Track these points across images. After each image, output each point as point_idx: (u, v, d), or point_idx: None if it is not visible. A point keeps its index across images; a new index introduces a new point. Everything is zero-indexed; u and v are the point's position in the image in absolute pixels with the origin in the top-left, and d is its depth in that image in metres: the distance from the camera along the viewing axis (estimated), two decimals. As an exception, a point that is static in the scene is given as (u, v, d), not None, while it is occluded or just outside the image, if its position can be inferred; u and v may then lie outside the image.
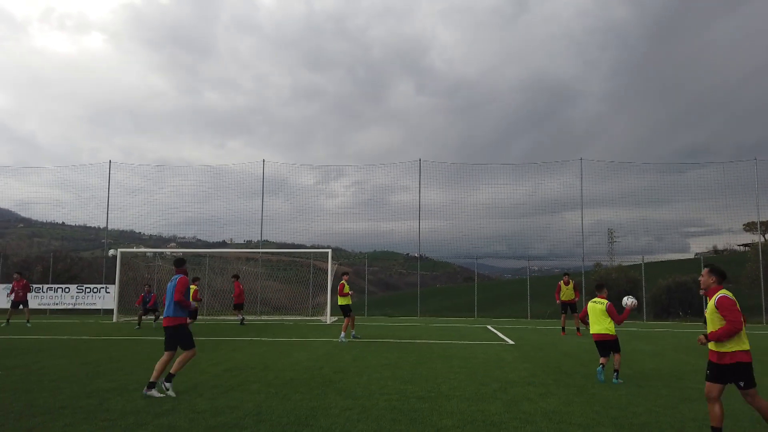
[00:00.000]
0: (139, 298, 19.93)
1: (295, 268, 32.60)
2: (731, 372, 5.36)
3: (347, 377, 8.90)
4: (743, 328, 5.35)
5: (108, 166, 29.37)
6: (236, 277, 21.30)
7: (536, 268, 36.15)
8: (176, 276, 8.06)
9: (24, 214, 35.66)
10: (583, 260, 27.35)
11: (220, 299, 27.26)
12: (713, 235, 31.55)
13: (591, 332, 9.17)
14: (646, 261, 26.97)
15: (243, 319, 20.49)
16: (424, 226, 28.25)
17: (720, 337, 5.32)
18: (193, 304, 8.56)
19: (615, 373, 8.75)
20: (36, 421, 6.08)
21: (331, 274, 23.17)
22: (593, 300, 9.35)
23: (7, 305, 25.86)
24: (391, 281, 56.27)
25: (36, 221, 42.59)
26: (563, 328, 17.19)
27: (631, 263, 29.64)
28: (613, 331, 8.98)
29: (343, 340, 14.36)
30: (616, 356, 8.90)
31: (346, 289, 15.10)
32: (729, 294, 5.49)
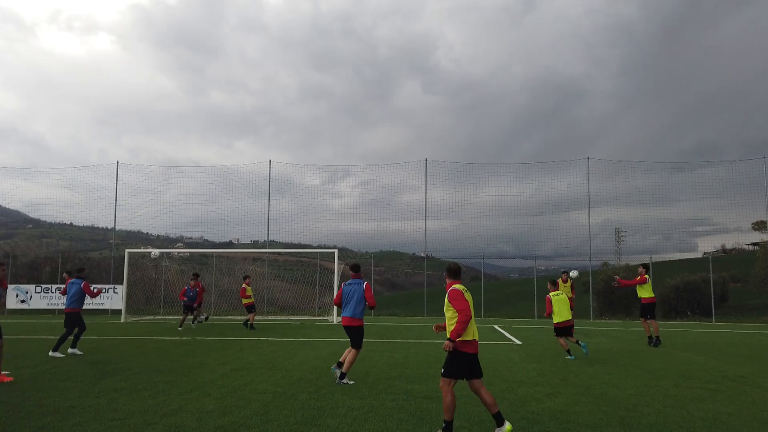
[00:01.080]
0: (182, 290, 18.79)
1: (302, 268, 32.70)
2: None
3: (354, 377, 8.90)
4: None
5: (116, 167, 29.53)
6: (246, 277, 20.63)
7: (543, 268, 36.01)
8: (360, 280, 8.75)
9: (33, 215, 35.87)
10: (590, 260, 27.25)
11: (228, 299, 27.35)
12: (721, 234, 31.34)
13: (559, 320, 11.32)
14: (654, 260, 26.82)
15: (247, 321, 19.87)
16: (430, 226, 28.24)
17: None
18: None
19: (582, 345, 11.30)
20: (46, 421, 6.12)
21: (338, 274, 23.19)
22: (555, 293, 11.48)
23: (20, 306, 26.14)
24: (398, 281, 56.30)
25: (45, 222, 42.89)
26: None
27: (639, 263, 29.47)
28: None
29: None
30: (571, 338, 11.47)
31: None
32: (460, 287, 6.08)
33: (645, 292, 14.18)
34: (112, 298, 26.11)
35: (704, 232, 30.33)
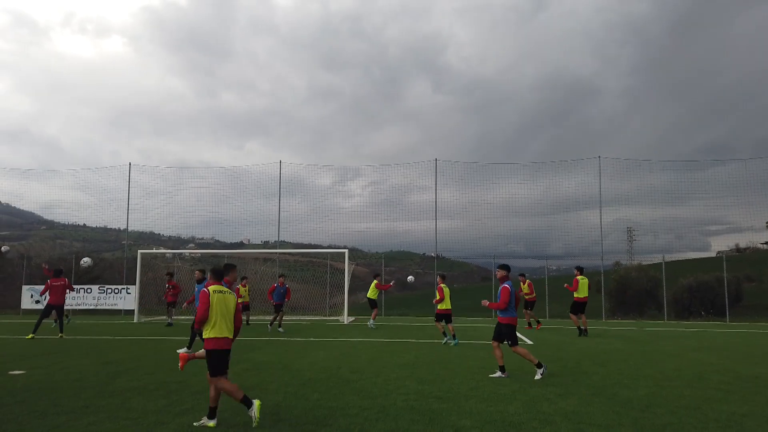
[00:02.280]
0: (270, 289, 17.94)
1: (312, 268, 32.76)
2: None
3: (365, 377, 8.92)
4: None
5: (128, 169, 29.78)
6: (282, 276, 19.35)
7: (554, 268, 35.81)
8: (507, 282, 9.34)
9: (47, 216, 36.36)
10: (602, 259, 27.08)
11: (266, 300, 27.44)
12: (735, 233, 31.01)
13: (443, 308, 14.31)
14: (666, 260, 26.59)
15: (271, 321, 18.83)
16: (440, 226, 28.20)
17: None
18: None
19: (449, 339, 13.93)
20: (60, 420, 6.19)
21: (348, 274, 23.22)
22: (444, 285, 14.56)
23: (35, 306, 26.41)
24: (408, 281, 56.16)
25: (58, 223, 43.34)
26: (530, 324, 19.00)
27: (652, 262, 29.24)
28: None
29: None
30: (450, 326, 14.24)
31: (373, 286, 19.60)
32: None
33: (581, 293, 16.47)
34: (125, 298, 26.33)
35: (717, 231, 30.05)
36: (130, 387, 8.08)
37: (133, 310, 23.84)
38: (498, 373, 9.10)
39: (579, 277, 16.55)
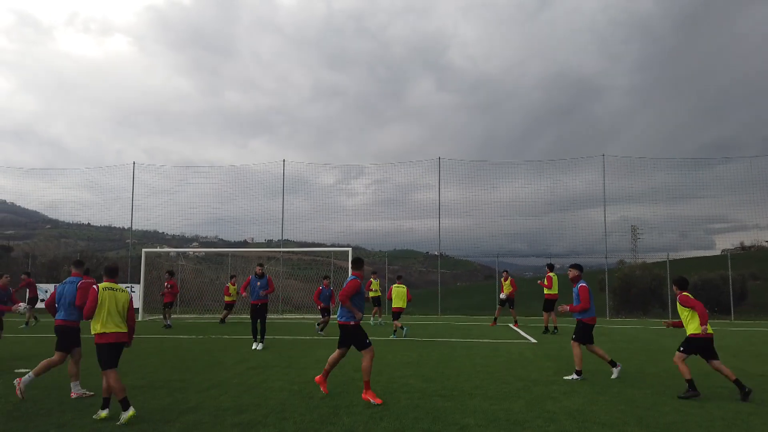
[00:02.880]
0: (316, 292, 16.66)
1: (316, 266, 32.78)
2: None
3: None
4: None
5: (132, 168, 29.85)
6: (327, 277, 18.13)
7: (558, 266, 35.69)
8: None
9: (51, 215, 36.46)
10: (606, 258, 27.00)
11: (243, 298, 27.49)
12: (740, 231, 30.78)
13: (396, 306, 15.32)
14: (671, 258, 26.50)
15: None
16: (444, 224, 28.17)
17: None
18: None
19: (404, 329, 14.76)
20: (66, 418, 6.22)
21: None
22: (396, 285, 15.75)
23: (40, 305, 26.48)
24: (411, 279, 56.19)
25: (63, 222, 43.46)
26: (496, 319, 19.64)
27: (656, 260, 29.15)
28: None
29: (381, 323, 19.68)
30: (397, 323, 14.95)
31: (374, 285, 20.58)
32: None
33: (553, 290, 16.68)
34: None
35: (722, 229, 29.92)
36: (135, 385, 8.11)
37: (138, 309, 23.90)
38: (574, 376, 8.69)
39: (551, 274, 16.76)
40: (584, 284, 8.97)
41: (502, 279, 19.15)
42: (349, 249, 23.89)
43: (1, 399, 7.26)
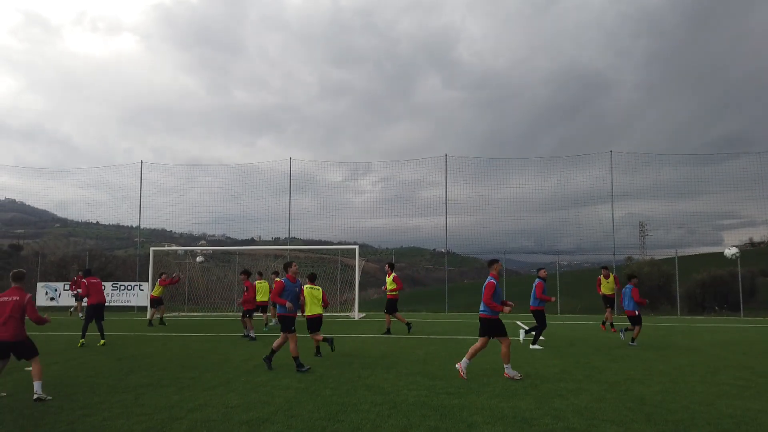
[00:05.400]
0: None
1: (323, 264, 32.80)
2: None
3: (376, 373, 8.93)
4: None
5: (140, 167, 30.00)
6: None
7: (565, 263, 35.64)
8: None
9: (60, 214, 36.67)
10: (614, 254, 26.89)
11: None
12: (749, 227, 30.51)
13: (309, 313, 11.03)
14: (679, 255, 26.35)
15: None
16: (450, 222, 28.13)
17: None
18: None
19: (330, 343, 10.70)
20: (76, 415, 6.27)
21: (359, 271, 23.25)
22: (309, 286, 11.19)
23: (50, 303, 26.74)
24: (418, 277, 56.20)
25: (72, 221, 43.79)
26: (604, 322, 16.76)
27: (664, 257, 28.99)
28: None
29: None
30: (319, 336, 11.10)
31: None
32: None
33: (392, 288, 15.30)
34: (138, 295, 26.55)
35: (730, 225, 29.67)
36: (144, 383, 8.16)
37: (146, 307, 24.02)
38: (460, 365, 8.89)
39: (393, 275, 15.51)
40: (491, 280, 8.82)
41: (603, 277, 16.94)
42: (356, 247, 23.90)
43: (11, 397, 7.33)
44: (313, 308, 11.06)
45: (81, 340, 12.94)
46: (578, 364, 9.91)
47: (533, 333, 12.66)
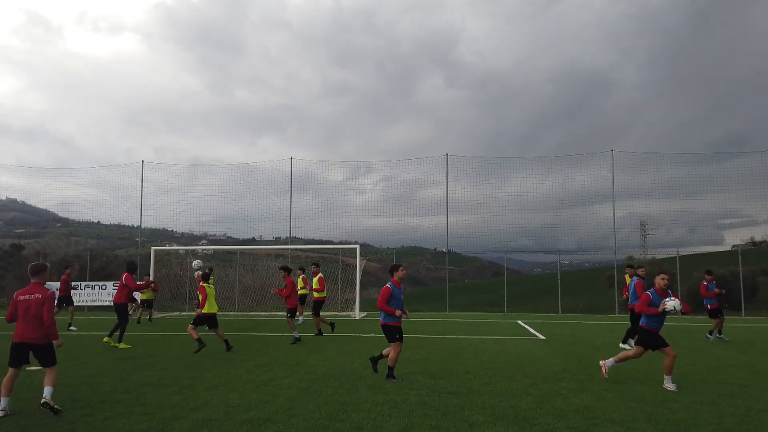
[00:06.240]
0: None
1: (324, 264, 32.80)
2: None
3: (377, 372, 8.93)
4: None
5: (141, 166, 30.01)
6: None
7: (567, 262, 35.61)
8: None
9: (62, 214, 36.73)
10: (615, 254, 26.87)
11: (251, 295, 27.62)
12: (749, 226, 30.50)
13: (210, 311, 11.86)
14: (680, 254, 26.33)
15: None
16: (452, 221, 28.12)
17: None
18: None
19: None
20: (77, 415, 6.28)
21: (360, 270, 23.26)
22: (208, 285, 12.08)
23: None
24: (419, 277, 56.21)
25: (73, 221, 43.85)
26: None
27: (665, 256, 28.98)
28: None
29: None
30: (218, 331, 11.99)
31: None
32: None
33: (318, 289, 15.54)
34: (139, 295, 26.53)
35: (731, 224, 29.67)
36: (145, 382, 8.17)
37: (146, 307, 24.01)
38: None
39: (320, 275, 15.92)
40: (389, 286, 8.55)
41: (628, 276, 14.57)
42: (357, 246, 23.89)
43: (12, 397, 7.33)
44: (212, 307, 11.97)
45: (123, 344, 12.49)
46: (579, 364, 9.91)
47: (631, 336, 12.43)
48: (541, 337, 14.56)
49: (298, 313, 17.35)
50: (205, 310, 11.84)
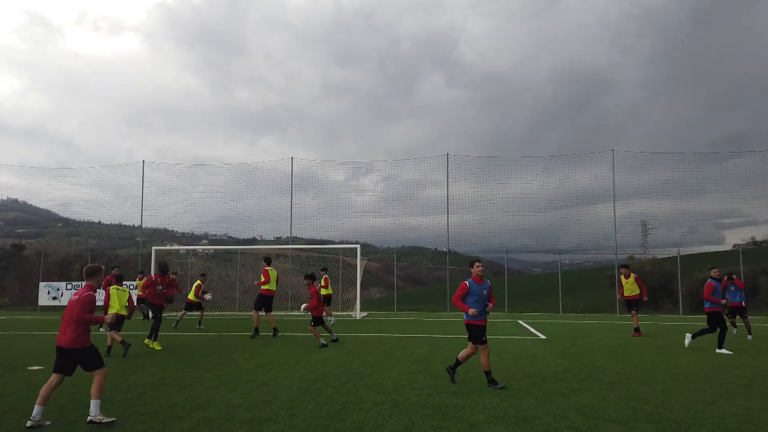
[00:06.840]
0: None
1: (324, 264, 32.84)
2: None
3: (378, 372, 8.93)
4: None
5: (142, 166, 30.03)
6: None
7: (567, 262, 35.60)
8: None
9: (63, 214, 36.82)
10: (615, 253, 26.87)
11: (251, 295, 27.63)
12: (750, 226, 30.49)
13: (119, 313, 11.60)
14: (681, 254, 26.32)
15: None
16: (452, 221, 28.14)
17: None
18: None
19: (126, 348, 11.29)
20: (78, 414, 6.28)
21: (361, 270, 23.26)
22: (117, 287, 11.89)
23: (52, 302, 26.80)
24: (420, 276, 56.18)
25: (74, 221, 43.88)
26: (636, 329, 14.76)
27: (666, 256, 28.96)
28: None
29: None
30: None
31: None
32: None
33: (271, 285, 15.21)
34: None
35: (732, 224, 29.66)
36: (146, 382, 8.17)
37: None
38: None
39: (268, 268, 15.50)
40: (465, 281, 8.32)
41: (623, 277, 15.27)
42: (358, 246, 23.91)
43: (13, 396, 7.34)
44: (121, 310, 11.80)
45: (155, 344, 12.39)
46: (580, 363, 9.90)
47: (712, 337, 12.19)
48: (542, 336, 14.55)
49: (326, 314, 16.51)
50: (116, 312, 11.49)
